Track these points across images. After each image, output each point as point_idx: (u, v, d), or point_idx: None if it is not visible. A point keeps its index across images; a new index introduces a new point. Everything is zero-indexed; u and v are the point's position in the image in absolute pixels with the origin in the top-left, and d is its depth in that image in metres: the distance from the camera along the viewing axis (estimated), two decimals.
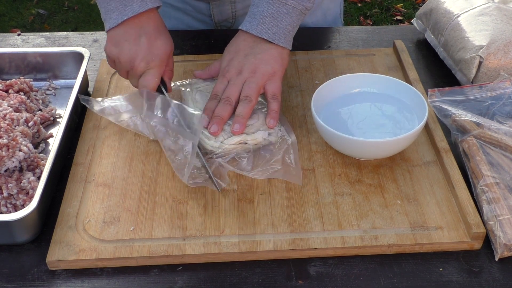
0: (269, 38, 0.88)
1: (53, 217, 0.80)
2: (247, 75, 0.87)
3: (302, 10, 0.90)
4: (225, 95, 0.87)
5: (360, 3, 3.16)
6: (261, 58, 0.88)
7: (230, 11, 1.17)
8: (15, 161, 0.83)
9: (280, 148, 0.87)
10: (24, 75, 1.04)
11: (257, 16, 0.89)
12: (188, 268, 0.75)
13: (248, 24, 0.90)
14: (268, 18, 0.88)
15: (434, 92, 0.92)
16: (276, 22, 0.89)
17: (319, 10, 1.21)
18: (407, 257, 0.76)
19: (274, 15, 0.88)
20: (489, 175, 0.80)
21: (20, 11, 3.06)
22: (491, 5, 1.03)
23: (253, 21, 0.89)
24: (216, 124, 0.84)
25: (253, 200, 0.82)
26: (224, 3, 1.16)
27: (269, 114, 0.87)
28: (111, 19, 0.88)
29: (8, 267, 0.76)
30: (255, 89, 0.86)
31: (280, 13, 0.89)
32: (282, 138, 0.89)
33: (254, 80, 0.87)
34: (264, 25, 0.88)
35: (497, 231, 0.75)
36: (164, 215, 0.80)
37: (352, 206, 0.81)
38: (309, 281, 0.73)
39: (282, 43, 0.89)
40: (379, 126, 0.90)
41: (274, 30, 0.88)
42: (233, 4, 1.16)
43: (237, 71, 0.88)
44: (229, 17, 1.19)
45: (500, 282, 0.73)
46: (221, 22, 1.20)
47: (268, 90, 0.88)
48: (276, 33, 0.89)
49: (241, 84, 0.87)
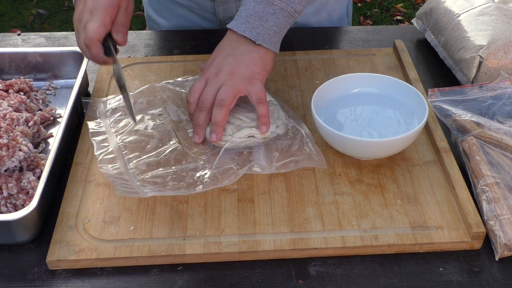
0: (252, 38, 0.86)
1: (53, 217, 0.80)
2: (224, 78, 0.85)
3: (291, 12, 0.88)
4: (200, 100, 0.86)
5: (360, 3, 3.15)
6: (241, 60, 0.86)
7: (235, 8, 1.17)
8: (15, 161, 0.83)
9: (294, 138, 0.87)
10: (24, 75, 1.04)
11: (243, 15, 0.87)
12: (188, 268, 0.75)
13: (234, 22, 0.88)
14: (253, 17, 0.86)
15: (434, 92, 0.92)
16: (261, 22, 0.86)
17: (324, 10, 1.21)
18: (407, 257, 0.76)
19: (259, 15, 0.86)
20: (489, 175, 0.80)
21: (20, 11, 3.06)
22: (491, 5, 1.03)
23: (239, 19, 0.88)
24: (196, 135, 0.87)
25: (253, 200, 0.82)
26: (228, 1, 1.16)
27: (259, 120, 0.85)
28: None
29: (8, 267, 0.76)
30: (230, 93, 0.84)
31: (266, 13, 0.86)
32: (294, 128, 0.89)
33: (231, 83, 0.85)
34: (249, 23, 0.86)
35: (497, 231, 0.75)
36: (164, 215, 0.80)
37: (352, 206, 0.81)
38: (309, 281, 0.73)
39: (266, 44, 0.87)
40: (379, 126, 0.90)
41: (259, 29, 0.86)
42: (237, 1, 1.16)
43: (216, 71, 0.86)
44: (234, 14, 1.18)
45: (500, 282, 0.73)
46: (226, 19, 1.19)
47: (251, 94, 0.85)
48: (260, 33, 0.86)
49: (217, 87, 0.85)
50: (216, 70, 0.87)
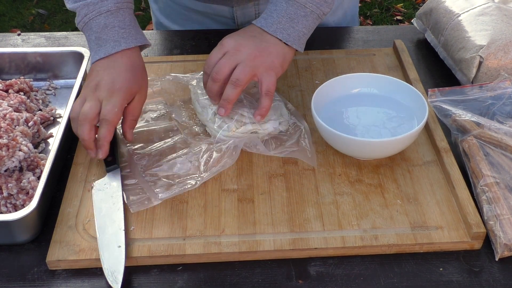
0: (283, 39, 0.87)
1: (53, 217, 0.80)
2: (245, 56, 0.85)
3: (320, 15, 0.89)
4: (215, 70, 0.85)
5: (360, 3, 3.15)
6: (266, 47, 0.86)
7: (254, 12, 1.17)
8: (15, 161, 0.83)
9: (294, 133, 0.89)
10: (24, 75, 1.04)
11: (274, 15, 0.88)
12: (188, 268, 0.75)
13: (263, 21, 0.88)
14: (285, 18, 0.87)
15: (434, 92, 0.92)
16: (292, 24, 0.87)
17: (340, 9, 1.21)
18: (407, 257, 0.76)
19: (291, 16, 0.87)
20: (489, 175, 0.80)
21: (20, 11, 3.06)
22: (491, 5, 1.03)
23: (269, 18, 0.88)
24: (212, 99, 0.88)
25: (253, 200, 0.82)
26: (248, 6, 1.15)
27: (259, 109, 0.86)
28: (91, 58, 0.88)
29: (8, 267, 0.76)
30: (247, 74, 0.84)
31: (298, 15, 0.87)
32: (294, 124, 0.91)
33: (250, 64, 0.84)
34: (280, 24, 0.87)
35: (497, 231, 0.75)
36: (164, 215, 0.80)
37: (352, 206, 0.81)
38: (309, 281, 0.73)
39: (295, 45, 0.88)
40: (379, 126, 0.90)
41: (289, 31, 0.87)
42: (256, 6, 1.15)
43: (237, 47, 0.86)
44: (253, 18, 1.17)
45: (500, 282, 0.73)
46: (244, 24, 1.19)
47: (263, 83, 0.85)
48: (291, 35, 0.87)
49: (235, 62, 0.85)
50: (238, 46, 0.86)
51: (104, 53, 0.85)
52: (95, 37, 0.86)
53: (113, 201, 0.80)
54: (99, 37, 0.86)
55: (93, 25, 0.86)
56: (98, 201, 0.81)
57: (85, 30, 0.87)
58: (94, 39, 0.86)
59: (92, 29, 0.86)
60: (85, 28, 0.87)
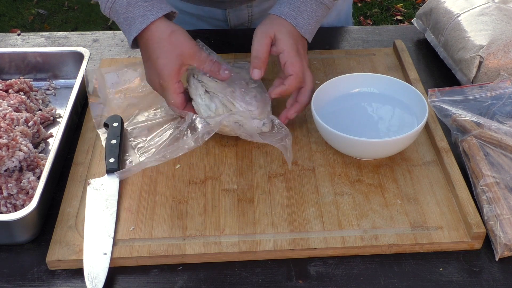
0: (308, 39, 0.91)
1: (53, 217, 0.80)
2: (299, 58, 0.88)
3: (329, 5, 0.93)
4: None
5: (360, 3, 3.16)
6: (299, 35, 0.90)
7: (247, 15, 1.17)
8: (15, 161, 0.83)
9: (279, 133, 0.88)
10: (24, 75, 1.04)
11: (305, 16, 0.90)
12: (188, 268, 0.75)
13: (294, 19, 0.89)
14: (313, 20, 0.90)
15: (434, 92, 0.92)
16: (317, 25, 0.92)
17: (334, 9, 1.21)
18: (407, 257, 0.76)
19: (319, 20, 0.91)
20: (489, 175, 0.80)
21: (20, 11, 3.06)
22: (491, 5, 1.03)
23: (300, 18, 0.90)
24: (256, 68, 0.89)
25: (253, 200, 0.82)
26: (241, 8, 1.16)
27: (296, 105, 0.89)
28: (128, 41, 0.89)
29: (8, 267, 0.76)
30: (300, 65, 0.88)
31: (322, 17, 0.92)
32: (280, 125, 0.88)
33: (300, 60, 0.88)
34: (310, 26, 0.90)
35: (497, 231, 0.75)
36: (164, 215, 0.80)
37: (352, 206, 0.81)
38: (309, 281, 0.73)
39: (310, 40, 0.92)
40: (379, 126, 0.90)
41: (314, 32, 0.92)
42: (249, 8, 1.16)
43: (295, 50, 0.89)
44: (245, 21, 1.18)
45: (500, 282, 0.73)
46: (237, 26, 1.20)
47: (307, 82, 0.89)
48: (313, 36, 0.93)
49: None
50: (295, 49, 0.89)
51: (136, 31, 0.85)
52: (123, 18, 0.86)
53: (107, 205, 0.80)
54: (126, 17, 0.86)
55: (118, 7, 0.86)
56: (92, 200, 0.81)
57: (113, 15, 0.88)
58: (123, 20, 0.86)
59: (118, 12, 0.86)
60: (112, 13, 0.87)
